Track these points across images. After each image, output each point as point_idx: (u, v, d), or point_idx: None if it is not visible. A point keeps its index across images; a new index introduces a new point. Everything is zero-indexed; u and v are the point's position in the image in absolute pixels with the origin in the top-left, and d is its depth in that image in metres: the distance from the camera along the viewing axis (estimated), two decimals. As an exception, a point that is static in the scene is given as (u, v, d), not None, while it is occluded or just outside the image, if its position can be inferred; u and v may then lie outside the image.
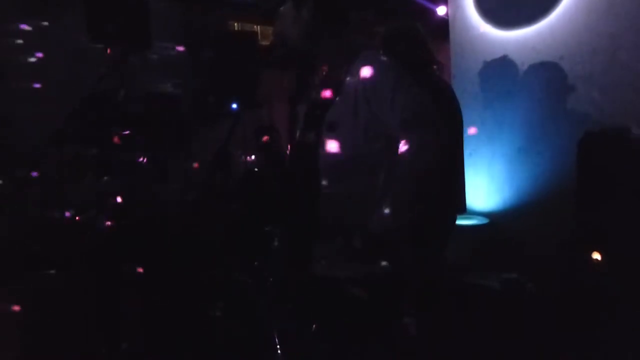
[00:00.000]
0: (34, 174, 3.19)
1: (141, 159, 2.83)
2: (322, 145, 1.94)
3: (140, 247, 2.86)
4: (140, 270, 2.83)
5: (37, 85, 3.48)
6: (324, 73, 2.03)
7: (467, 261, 3.50)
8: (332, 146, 1.92)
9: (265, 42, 4.17)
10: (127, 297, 2.82)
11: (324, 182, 1.96)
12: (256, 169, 2.67)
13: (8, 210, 3.12)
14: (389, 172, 1.86)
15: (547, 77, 3.44)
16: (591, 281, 2.91)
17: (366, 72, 1.88)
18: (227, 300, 2.78)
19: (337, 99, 1.93)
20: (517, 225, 3.54)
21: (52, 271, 2.79)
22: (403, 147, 1.81)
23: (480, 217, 3.70)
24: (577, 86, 3.33)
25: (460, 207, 2.65)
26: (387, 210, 1.82)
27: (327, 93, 1.97)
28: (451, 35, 3.86)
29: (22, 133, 3.25)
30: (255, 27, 4.39)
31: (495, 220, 3.65)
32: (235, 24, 4.50)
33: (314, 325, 2.10)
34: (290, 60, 2.05)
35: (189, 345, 2.67)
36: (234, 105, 3.98)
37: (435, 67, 2.55)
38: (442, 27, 3.80)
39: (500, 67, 3.60)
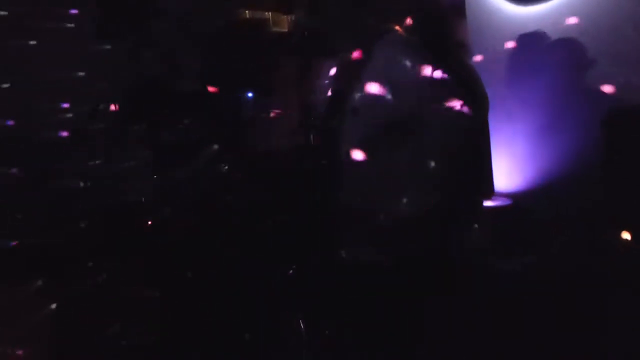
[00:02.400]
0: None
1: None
2: (347, 130, 1.92)
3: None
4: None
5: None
6: (346, 58, 2.00)
7: (489, 243, 3.46)
8: (357, 131, 1.90)
9: (277, 29, 4.12)
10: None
11: (348, 167, 1.95)
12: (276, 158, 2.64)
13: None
14: (414, 154, 1.85)
15: (568, 53, 3.36)
16: (618, 262, 2.86)
17: (388, 54, 1.86)
18: (247, 292, 2.78)
19: (360, 83, 1.91)
20: (540, 206, 3.49)
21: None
22: (429, 123, 1.79)
23: (502, 198, 3.64)
24: (600, 62, 3.25)
25: (489, 191, 2.61)
26: (415, 193, 1.80)
27: (349, 78, 1.95)
28: (468, 13, 3.78)
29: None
30: (267, 13, 4.33)
31: (518, 200, 3.60)
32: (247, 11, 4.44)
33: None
34: (310, 46, 2.02)
35: (208, 337, 2.67)
36: (249, 94, 3.94)
37: (458, 47, 2.49)
38: (459, 4, 3.72)
39: (520, 44, 3.52)
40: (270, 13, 4.41)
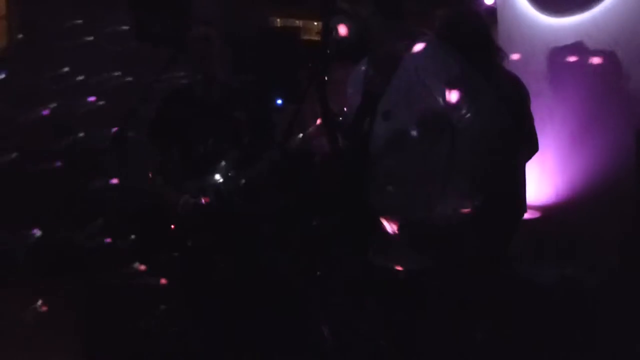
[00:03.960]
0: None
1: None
2: (378, 134, 1.92)
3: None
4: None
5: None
6: (377, 62, 2.00)
7: (517, 256, 3.41)
8: (388, 134, 1.90)
9: (308, 37, 4.17)
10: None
11: (380, 171, 1.94)
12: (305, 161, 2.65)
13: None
14: (447, 160, 1.83)
15: (601, 64, 3.32)
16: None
17: (423, 57, 1.85)
18: (275, 292, 2.79)
19: (391, 87, 1.90)
20: (570, 220, 3.43)
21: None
22: (461, 128, 1.78)
23: (530, 211, 3.59)
24: (633, 73, 3.21)
25: (523, 208, 2.58)
26: (448, 200, 1.79)
27: (380, 81, 1.95)
28: (500, 23, 3.77)
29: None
30: (298, 22, 4.38)
31: (547, 214, 3.55)
32: (278, 20, 4.49)
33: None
34: (346, 54, 2.03)
35: (238, 335, 2.69)
36: (279, 101, 3.98)
37: (497, 54, 2.49)
38: (491, 14, 3.72)
39: (552, 55, 3.49)
40: (301, 21, 4.47)
